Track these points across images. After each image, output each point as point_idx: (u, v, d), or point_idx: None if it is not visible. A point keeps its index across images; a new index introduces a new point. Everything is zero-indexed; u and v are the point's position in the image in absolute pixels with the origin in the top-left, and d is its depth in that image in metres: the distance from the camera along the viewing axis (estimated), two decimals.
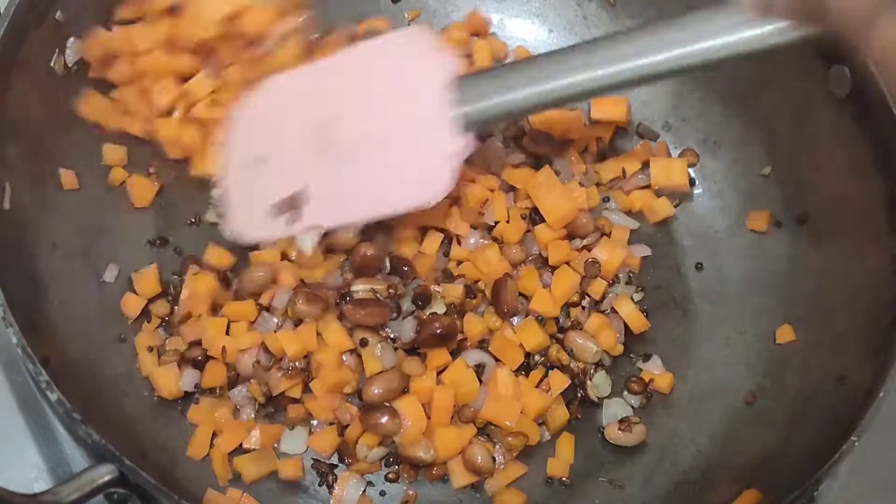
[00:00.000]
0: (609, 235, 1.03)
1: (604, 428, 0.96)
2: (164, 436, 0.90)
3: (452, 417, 0.92)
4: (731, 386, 0.99)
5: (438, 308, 0.97)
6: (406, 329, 0.95)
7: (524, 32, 1.15)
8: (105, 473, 0.70)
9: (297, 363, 0.91)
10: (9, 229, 0.84)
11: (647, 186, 1.08)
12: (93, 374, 0.88)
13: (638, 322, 1.00)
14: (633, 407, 0.98)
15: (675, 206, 1.08)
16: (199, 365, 0.92)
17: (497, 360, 0.95)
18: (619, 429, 0.95)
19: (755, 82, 1.05)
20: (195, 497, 0.85)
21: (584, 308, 1.00)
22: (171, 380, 0.91)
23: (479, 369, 0.94)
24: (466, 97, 0.88)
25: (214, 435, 0.91)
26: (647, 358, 1.00)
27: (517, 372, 0.96)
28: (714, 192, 1.09)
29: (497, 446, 0.93)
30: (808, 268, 0.99)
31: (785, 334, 0.98)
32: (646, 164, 1.08)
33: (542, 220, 1.01)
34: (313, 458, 0.92)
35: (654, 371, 0.99)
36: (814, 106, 0.98)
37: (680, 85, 1.11)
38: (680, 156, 1.10)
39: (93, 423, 0.72)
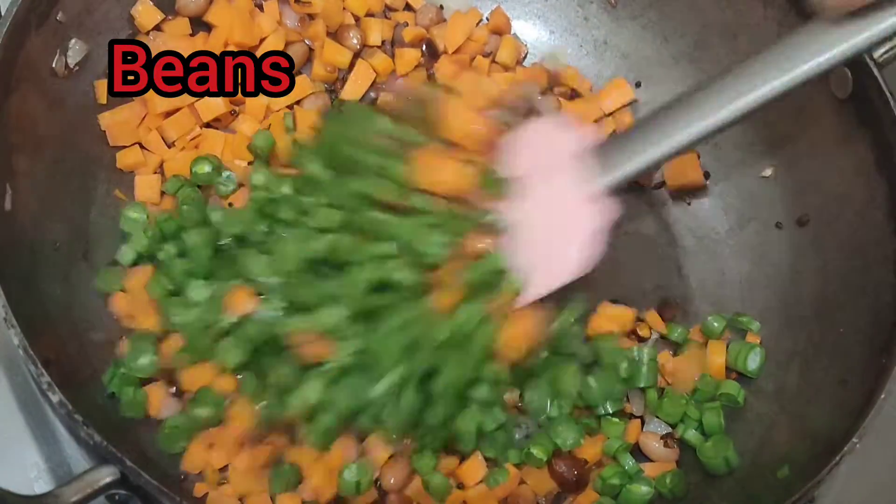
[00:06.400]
0: None
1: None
2: None
3: None
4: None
5: None
6: None
7: (526, 34, 1.15)
8: (106, 475, 0.70)
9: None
10: (10, 230, 0.84)
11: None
12: (94, 376, 0.88)
13: None
14: (671, 426, 0.96)
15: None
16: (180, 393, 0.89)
17: None
18: (664, 442, 0.94)
19: None
20: (197, 498, 0.85)
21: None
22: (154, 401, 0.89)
23: None
24: (606, 166, 0.84)
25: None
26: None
27: None
28: (715, 193, 1.09)
29: None
30: (810, 270, 0.99)
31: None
32: None
33: None
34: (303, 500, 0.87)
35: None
36: (815, 107, 0.98)
37: (680, 85, 1.11)
38: None
39: (94, 424, 0.72)
